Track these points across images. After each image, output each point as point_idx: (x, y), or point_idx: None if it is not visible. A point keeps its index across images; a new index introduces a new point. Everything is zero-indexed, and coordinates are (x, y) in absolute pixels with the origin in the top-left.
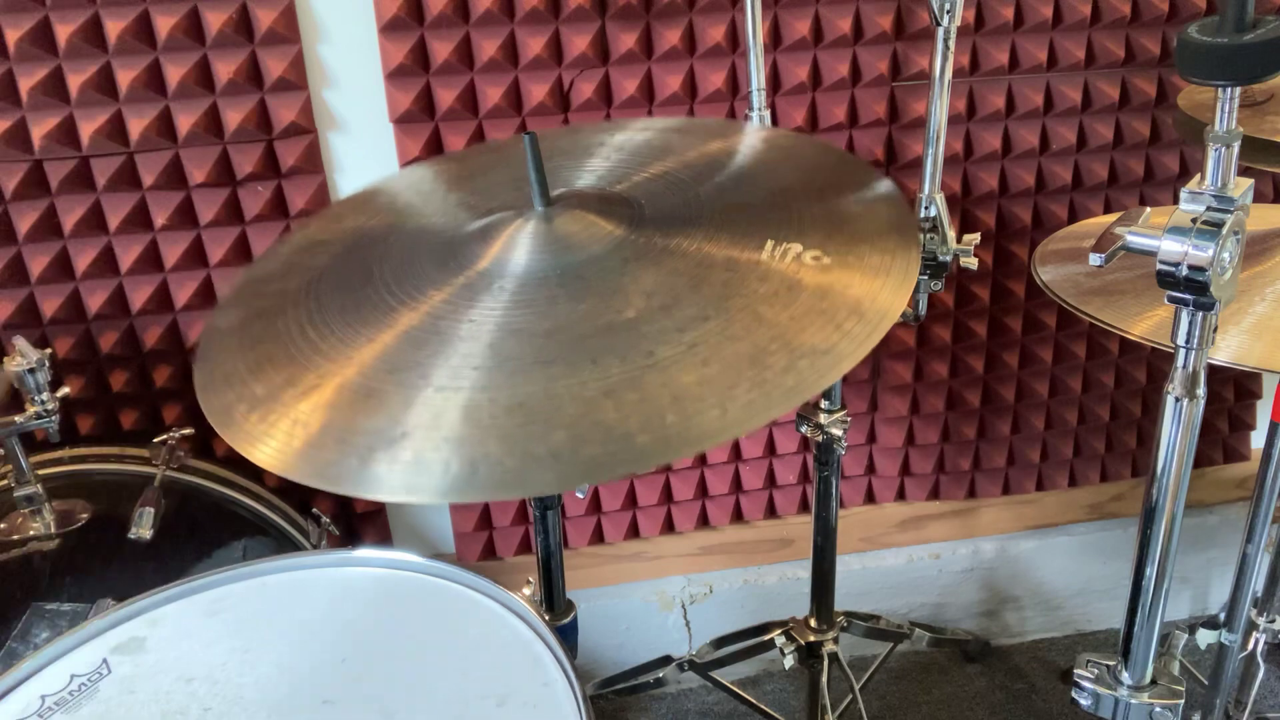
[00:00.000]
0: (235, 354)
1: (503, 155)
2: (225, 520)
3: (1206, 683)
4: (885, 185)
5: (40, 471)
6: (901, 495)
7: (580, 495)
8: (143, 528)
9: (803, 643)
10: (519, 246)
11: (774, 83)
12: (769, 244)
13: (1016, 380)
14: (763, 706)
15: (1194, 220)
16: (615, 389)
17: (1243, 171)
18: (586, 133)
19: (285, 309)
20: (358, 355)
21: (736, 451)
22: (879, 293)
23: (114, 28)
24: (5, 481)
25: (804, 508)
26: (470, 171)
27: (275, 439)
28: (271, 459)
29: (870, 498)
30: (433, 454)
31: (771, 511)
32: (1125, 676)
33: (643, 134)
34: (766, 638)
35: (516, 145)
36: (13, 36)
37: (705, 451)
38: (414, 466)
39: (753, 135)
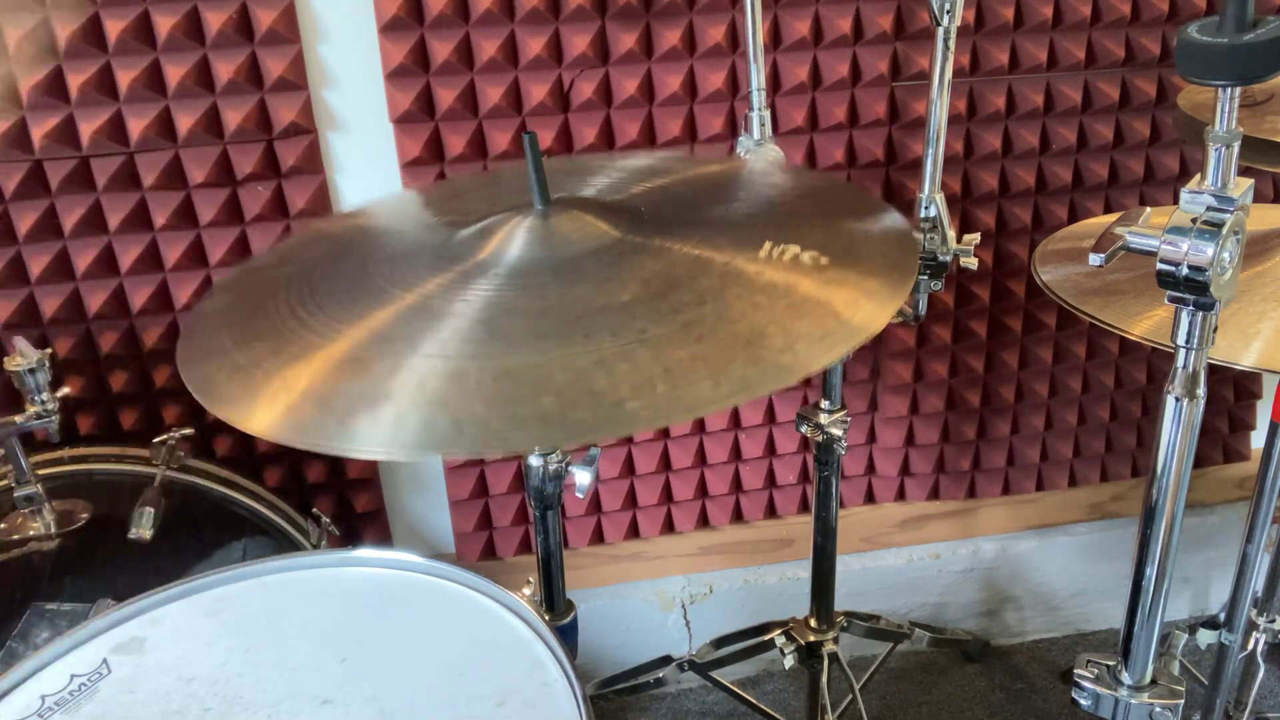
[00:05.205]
0: (221, 329)
1: (499, 178)
2: (225, 520)
3: (1206, 683)
4: (889, 214)
5: (40, 471)
6: (901, 495)
7: (580, 495)
8: (143, 528)
9: (803, 643)
10: (516, 240)
11: (774, 83)
12: (767, 245)
13: (1016, 380)
14: (763, 706)
15: (1194, 220)
16: (606, 360)
17: (1243, 171)
18: (589, 159)
19: (277, 292)
20: (347, 330)
21: (736, 451)
22: (878, 288)
23: (114, 28)
24: (5, 481)
25: (804, 508)
26: (468, 189)
27: (255, 404)
28: (250, 422)
29: (870, 498)
30: (415, 414)
31: (771, 511)
32: (1125, 676)
33: (645, 160)
34: (766, 638)
35: (513, 169)
36: (12, 36)
37: (699, 418)
38: (394, 424)
39: (759, 163)
